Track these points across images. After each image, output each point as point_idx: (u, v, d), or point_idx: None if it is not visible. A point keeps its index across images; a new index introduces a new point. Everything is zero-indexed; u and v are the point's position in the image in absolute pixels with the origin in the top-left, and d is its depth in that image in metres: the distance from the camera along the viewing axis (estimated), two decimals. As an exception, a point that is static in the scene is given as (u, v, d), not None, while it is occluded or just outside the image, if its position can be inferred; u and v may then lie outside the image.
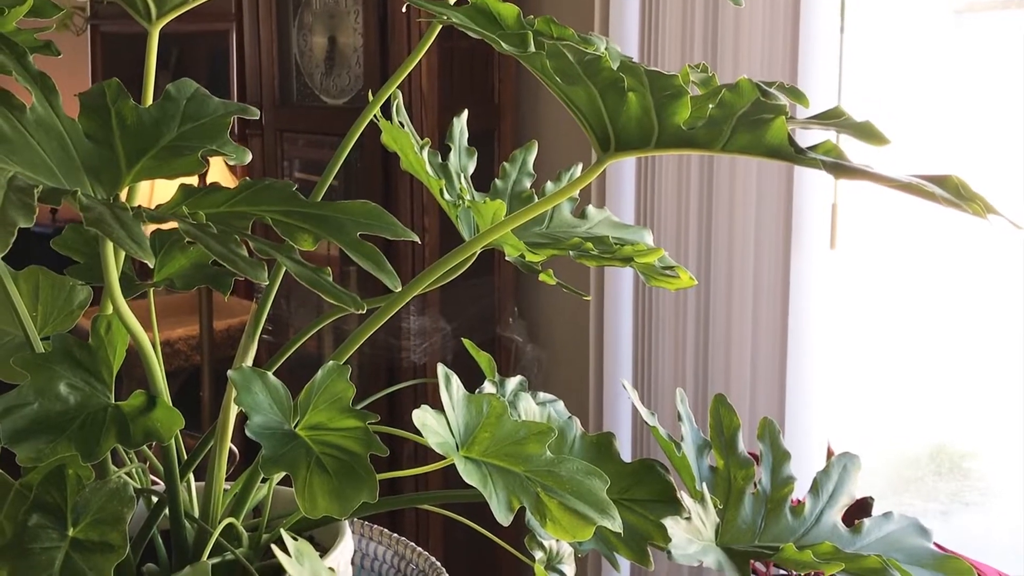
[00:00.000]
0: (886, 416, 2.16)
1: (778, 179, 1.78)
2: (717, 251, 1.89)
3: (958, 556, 0.90)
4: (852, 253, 1.87)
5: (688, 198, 1.89)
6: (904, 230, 1.92)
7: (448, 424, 0.77)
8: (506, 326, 2.25)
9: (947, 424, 2.16)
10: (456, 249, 0.79)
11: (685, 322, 1.95)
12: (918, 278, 1.96)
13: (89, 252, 0.88)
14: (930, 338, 2.06)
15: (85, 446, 0.72)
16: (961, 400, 2.10)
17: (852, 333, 1.99)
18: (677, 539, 0.80)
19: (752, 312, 1.88)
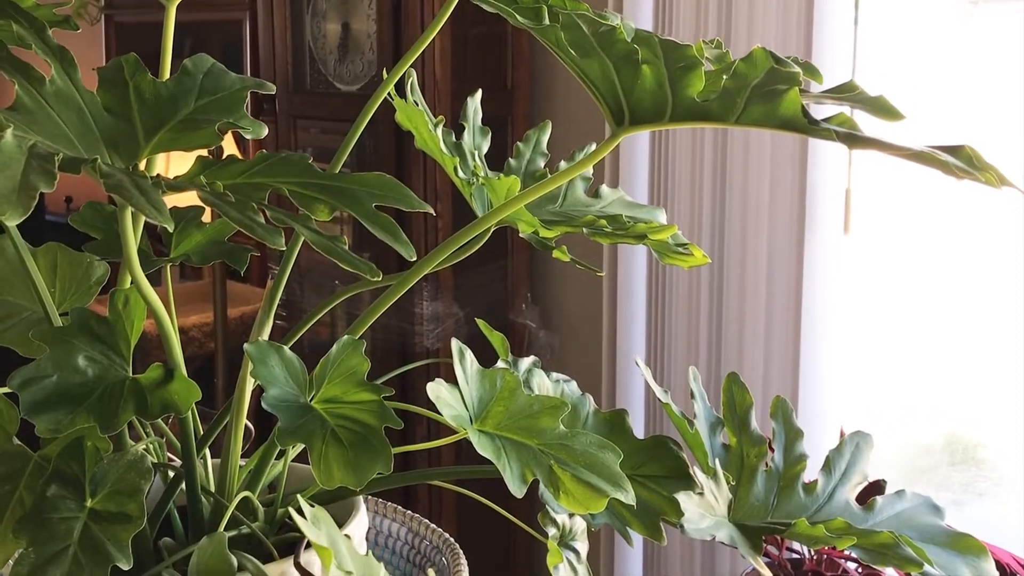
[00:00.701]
0: (900, 404, 2.16)
1: (792, 164, 1.78)
2: (730, 237, 1.89)
3: (971, 535, 0.91)
4: (866, 238, 1.87)
5: (702, 180, 1.89)
6: (918, 216, 1.91)
7: (462, 398, 0.78)
8: (519, 312, 2.26)
9: (960, 413, 2.15)
10: (470, 224, 0.80)
11: (698, 304, 1.95)
12: (932, 265, 1.96)
13: (106, 229, 0.89)
14: (943, 325, 2.06)
15: (103, 418, 0.73)
16: (974, 389, 2.10)
17: (865, 319, 1.99)
18: (690, 514, 0.80)
19: (765, 297, 1.87)
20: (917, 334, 2.09)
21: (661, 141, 1.95)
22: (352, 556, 0.61)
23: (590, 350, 2.21)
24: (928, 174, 1.90)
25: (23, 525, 0.70)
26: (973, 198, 1.87)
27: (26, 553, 0.69)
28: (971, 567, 0.87)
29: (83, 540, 0.70)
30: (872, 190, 1.84)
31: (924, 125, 1.83)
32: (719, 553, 1.95)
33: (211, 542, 0.74)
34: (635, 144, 1.95)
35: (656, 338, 2.01)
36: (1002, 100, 1.87)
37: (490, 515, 1.01)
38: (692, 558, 1.99)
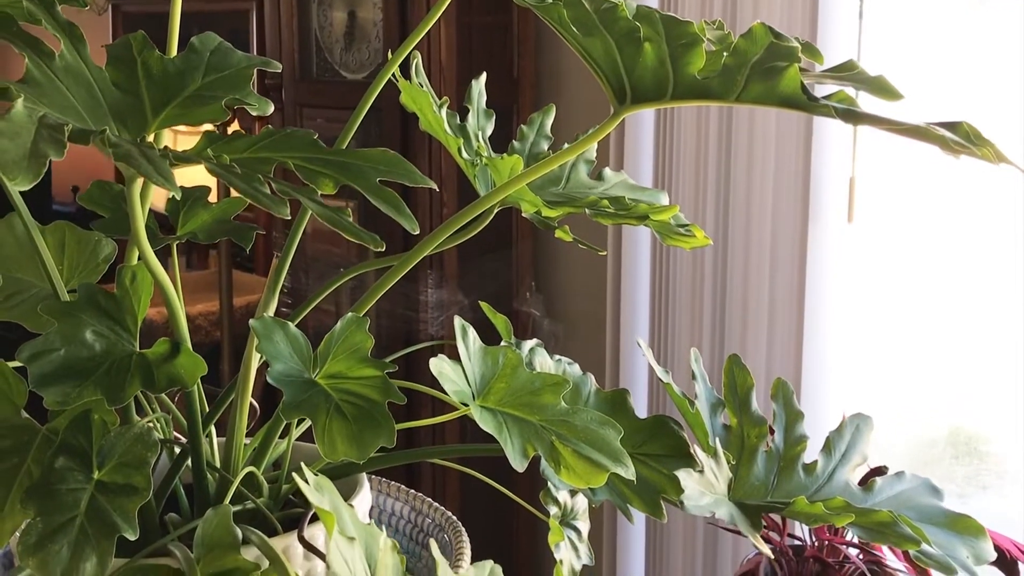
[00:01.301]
0: (903, 397, 2.16)
1: (795, 152, 1.78)
2: (734, 225, 1.89)
3: (969, 516, 0.91)
4: (869, 227, 1.87)
5: (706, 168, 1.90)
6: (922, 206, 1.91)
7: (464, 374, 0.78)
8: (523, 300, 2.27)
9: (964, 406, 2.15)
10: (473, 203, 0.81)
11: (701, 291, 1.95)
12: (935, 255, 1.96)
13: (114, 207, 0.90)
14: (947, 317, 2.06)
15: (110, 391, 0.73)
16: (978, 382, 2.10)
17: (869, 309, 1.99)
18: (690, 491, 0.81)
19: (768, 286, 1.88)
20: (921, 325, 2.09)
21: (665, 126, 1.95)
22: (355, 524, 0.62)
23: (593, 339, 2.21)
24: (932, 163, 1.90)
25: (31, 496, 0.71)
26: (978, 189, 1.88)
27: (34, 523, 0.70)
28: (969, 547, 0.88)
29: (90, 511, 0.71)
30: (876, 179, 1.84)
31: (929, 116, 1.83)
32: (721, 538, 1.95)
33: (216, 514, 0.74)
34: (639, 129, 1.95)
35: (659, 321, 2.02)
36: (1008, 93, 1.87)
37: (492, 496, 1.02)
38: (694, 543, 2.00)
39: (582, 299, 2.30)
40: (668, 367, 2.01)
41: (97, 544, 0.69)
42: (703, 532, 1.98)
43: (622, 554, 2.07)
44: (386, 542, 0.58)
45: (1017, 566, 1.29)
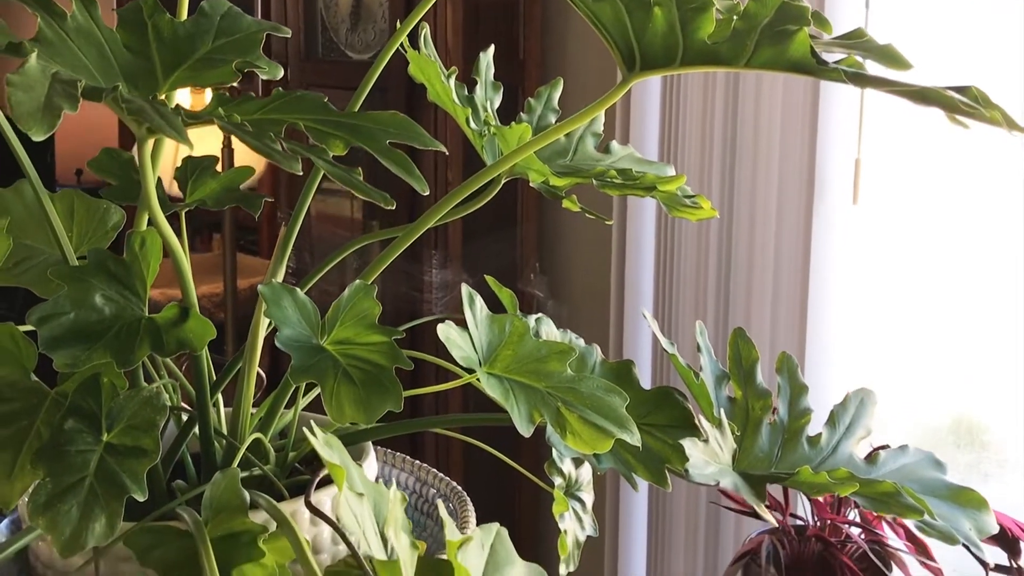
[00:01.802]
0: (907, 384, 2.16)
1: (801, 134, 1.78)
2: (739, 208, 1.89)
3: (972, 489, 0.92)
4: (875, 210, 1.87)
5: (711, 145, 1.89)
6: (928, 189, 1.91)
7: (471, 341, 0.79)
8: (528, 281, 2.27)
9: (967, 394, 2.15)
10: (480, 171, 0.81)
11: (706, 273, 1.95)
12: (940, 239, 1.96)
13: (122, 175, 0.90)
14: (950, 303, 2.06)
15: (120, 353, 0.74)
16: (982, 370, 2.10)
17: (873, 292, 1.99)
18: (695, 460, 0.81)
19: (773, 270, 1.88)
20: (924, 311, 2.09)
21: (672, 100, 1.95)
22: (363, 482, 0.63)
23: (597, 321, 2.22)
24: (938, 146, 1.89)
25: (40, 456, 0.72)
26: (983, 173, 1.87)
27: (43, 483, 0.70)
28: (971, 519, 0.88)
29: (99, 472, 0.71)
30: (882, 161, 1.84)
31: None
32: (723, 518, 1.96)
33: (224, 477, 0.75)
34: (646, 102, 1.95)
35: (663, 296, 2.02)
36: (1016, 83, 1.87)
37: (496, 469, 1.02)
38: (696, 522, 2.01)
39: (586, 281, 2.31)
40: (672, 342, 2.01)
41: (106, 505, 0.70)
42: (705, 511, 1.98)
43: (624, 531, 2.07)
44: (395, 494, 0.58)
45: (1019, 544, 1.30)
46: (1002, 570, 1.34)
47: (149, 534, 0.73)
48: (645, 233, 2.01)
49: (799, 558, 1.46)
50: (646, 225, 2.01)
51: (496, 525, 0.68)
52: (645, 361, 2.04)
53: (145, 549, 0.73)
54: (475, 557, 0.62)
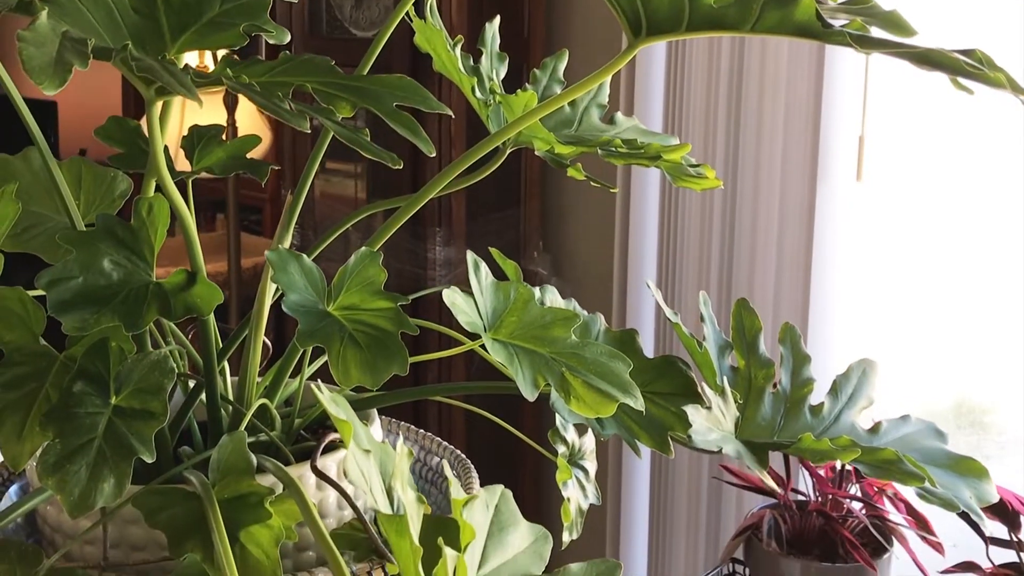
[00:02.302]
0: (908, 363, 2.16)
1: (805, 110, 1.78)
2: (743, 184, 1.90)
3: (973, 459, 0.92)
4: (879, 187, 1.87)
5: (716, 118, 1.89)
6: (932, 167, 1.91)
7: (477, 308, 0.79)
8: (531, 259, 2.27)
9: (969, 376, 2.15)
10: (486, 139, 0.81)
11: (709, 245, 1.96)
12: (944, 218, 1.96)
13: (129, 143, 0.90)
14: (953, 283, 2.06)
15: (128, 317, 0.74)
16: (983, 350, 2.10)
17: (875, 271, 1.99)
18: (697, 426, 0.82)
19: (776, 250, 1.89)
20: (927, 291, 2.09)
21: (677, 72, 1.94)
22: (369, 440, 0.63)
23: (600, 298, 2.22)
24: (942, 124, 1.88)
25: (49, 418, 0.72)
26: (988, 154, 1.87)
27: (52, 444, 0.71)
28: (972, 488, 0.89)
29: (108, 434, 0.72)
30: (886, 138, 1.84)
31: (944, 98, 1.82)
32: (725, 493, 1.97)
33: (231, 440, 0.76)
34: (650, 74, 1.94)
35: (667, 268, 2.02)
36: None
37: (499, 439, 1.03)
38: (698, 497, 2.01)
39: (589, 259, 2.31)
40: (675, 306, 2.01)
41: (115, 466, 0.71)
42: (707, 486, 1.99)
43: (626, 509, 2.08)
44: (402, 449, 0.59)
45: (1019, 518, 1.30)
46: (1001, 543, 1.34)
47: (157, 496, 0.74)
48: (648, 206, 2.01)
49: (801, 532, 1.47)
50: (649, 198, 2.01)
51: (500, 487, 0.69)
52: (648, 334, 2.04)
53: (153, 510, 0.73)
54: (480, 516, 0.63)
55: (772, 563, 1.45)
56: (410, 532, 0.53)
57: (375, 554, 0.76)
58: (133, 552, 0.80)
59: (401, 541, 0.54)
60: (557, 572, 0.63)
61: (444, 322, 0.98)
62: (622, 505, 2.09)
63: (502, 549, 0.63)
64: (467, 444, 2.25)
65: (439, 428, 2.23)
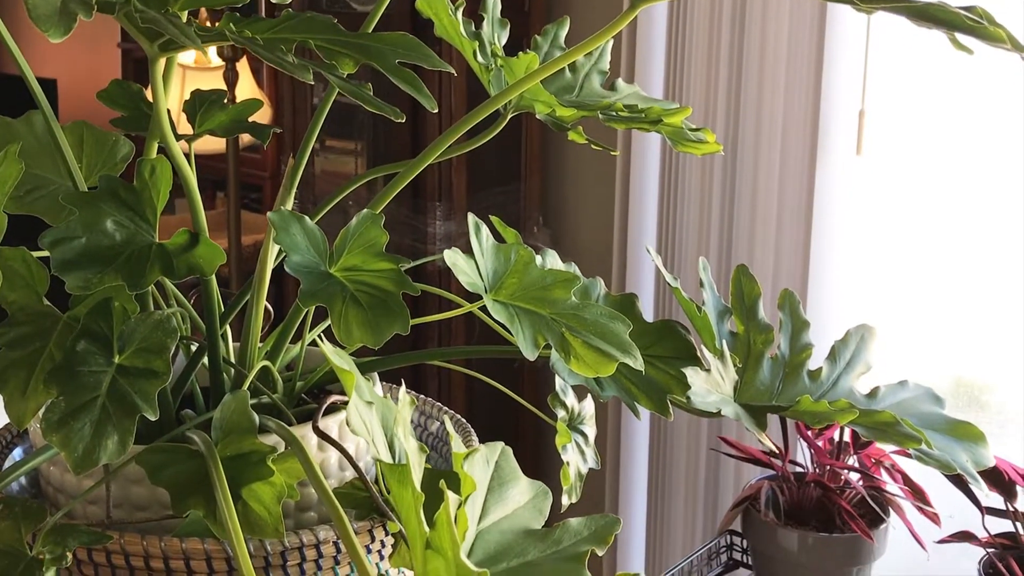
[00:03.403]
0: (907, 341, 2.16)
1: (806, 84, 1.78)
2: (743, 158, 1.90)
3: (970, 423, 0.93)
4: (879, 161, 1.87)
5: (716, 88, 1.89)
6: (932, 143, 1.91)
7: (478, 269, 0.80)
8: (531, 234, 2.28)
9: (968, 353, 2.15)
10: (487, 101, 0.81)
11: (709, 218, 1.96)
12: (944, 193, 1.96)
13: (132, 106, 0.91)
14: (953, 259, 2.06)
15: (131, 277, 0.75)
16: (983, 328, 2.10)
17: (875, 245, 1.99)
18: (697, 388, 0.83)
19: (776, 223, 1.89)
20: (926, 268, 2.09)
21: (676, 46, 1.94)
22: (371, 393, 0.64)
23: (600, 273, 2.23)
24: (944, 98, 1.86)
25: (53, 376, 0.73)
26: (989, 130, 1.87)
27: (56, 402, 0.71)
28: (969, 452, 0.90)
29: (111, 392, 0.73)
30: (886, 112, 1.83)
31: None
32: (723, 464, 1.98)
33: (234, 399, 0.76)
34: (650, 43, 1.94)
35: (667, 238, 2.02)
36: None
37: (498, 406, 1.04)
38: (696, 468, 2.02)
39: (588, 235, 2.31)
40: (676, 276, 2.02)
41: (118, 423, 0.71)
42: (705, 458, 2.00)
43: (624, 481, 2.09)
44: (404, 397, 0.59)
45: (1015, 488, 1.31)
46: (997, 513, 1.35)
47: (160, 453, 0.74)
48: (648, 176, 2.00)
49: (798, 503, 1.48)
50: (650, 168, 2.00)
51: (501, 443, 0.69)
52: (647, 305, 2.04)
53: (156, 468, 0.74)
54: (480, 471, 0.64)
55: (769, 533, 1.46)
56: (412, 480, 0.53)
57: (376, 512, 0.77)
58: (136, 512, 0.81)
59: (403, 490, 0.55)
60: (557, 526, 0.64)
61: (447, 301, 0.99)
62: (620, 478, 2.10)
63: (502, 503, 0.64)
64: (467, 413, 2.26)
65: (439, 393, 2.24)
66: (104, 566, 0.76)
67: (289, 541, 0.75)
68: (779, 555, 1.45)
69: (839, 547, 1.42)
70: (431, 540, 0.51)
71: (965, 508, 1.42)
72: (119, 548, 0.75)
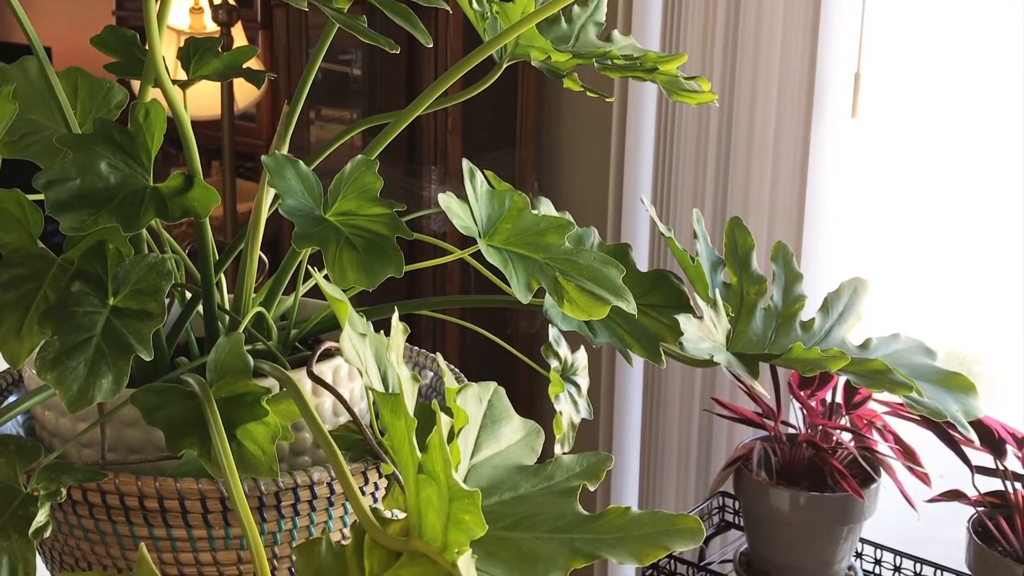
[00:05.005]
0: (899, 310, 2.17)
1: (802, 47, 1.78)
2: (738, 121, 1.90)
3: (961, 374, 0.93)
4: (873, 124, 1.87)
5: (713, 46, 1.89)
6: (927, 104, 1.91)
7: (472, 214, 0.80)
8: (526, 199, 2.28)
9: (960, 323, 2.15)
10: (482, 45, 0.81)
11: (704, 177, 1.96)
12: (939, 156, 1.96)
13: (126, 52, 0.90)
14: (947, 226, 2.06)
15: (125, 219, 0.75)
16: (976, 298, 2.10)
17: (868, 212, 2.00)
18: (689, 334, 0.83)
19: (770, 187, 1.89)
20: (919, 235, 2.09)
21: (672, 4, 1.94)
22: (364, 325, 0.64)
23: (595, 238, 2.23)
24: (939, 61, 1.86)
25: (48, 316, 0.73)
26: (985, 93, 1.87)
27: (51, 341, 0.72)
28: (959, 402, 0.90)
29: (106, 332, 0.73)
30: (882, 75, 1.83)
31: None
32: (716, 425, 1.99)
33: (229, 341, 0.76)
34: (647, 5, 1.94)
35: (662, 193, 2.02)
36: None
37: (492, 359, 1.04)
38: (689, 429, 2.03)
39: (584, 200, 2.32)
40: (669, 227, 2.02)
41: (113, 363, 0.71)
42: (698, 419, 2.01)
43: (618, 441, 2.10)
44: (396, 324, 0.60)
45: (1005, 446, 1.32)
46: (987, 472, 1.36)
47: (155, 394, 0.75)
48: (644, 134, 2.00)
49: (790, 463, 1.49)
50: (645, 126, 2.00)
51: (494, 383, 0.70)
52: (642, 262, 2.05)
53: (151, 408, 0.74)
54: (473, 408, 0.64)
55: (761, 493, 1.46)
56: (405, 408, 0.53)
57: (370, 455, 0.78)
58: (130, 455, 0.81)
59: (396, 421, 0.55)
60: (549, 462, 0.64)
61: (439, 252, 0.99)
62: (613, 441, 2.11)
63: (495, 440, 0.64)
64: (460, 359, 2.26)
65: (432, 343, 2.25)
66: (99, 506, 0.76)
67: (283, 481, 0.75)
68: (771, 514, 1.46)
69: (830, 506, 1.43)
70: (423, 464, 0.51)
71: (956, 469, 1.43)
72: (114, 488, 0.75)
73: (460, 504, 0.49)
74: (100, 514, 0.76)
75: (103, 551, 0.78)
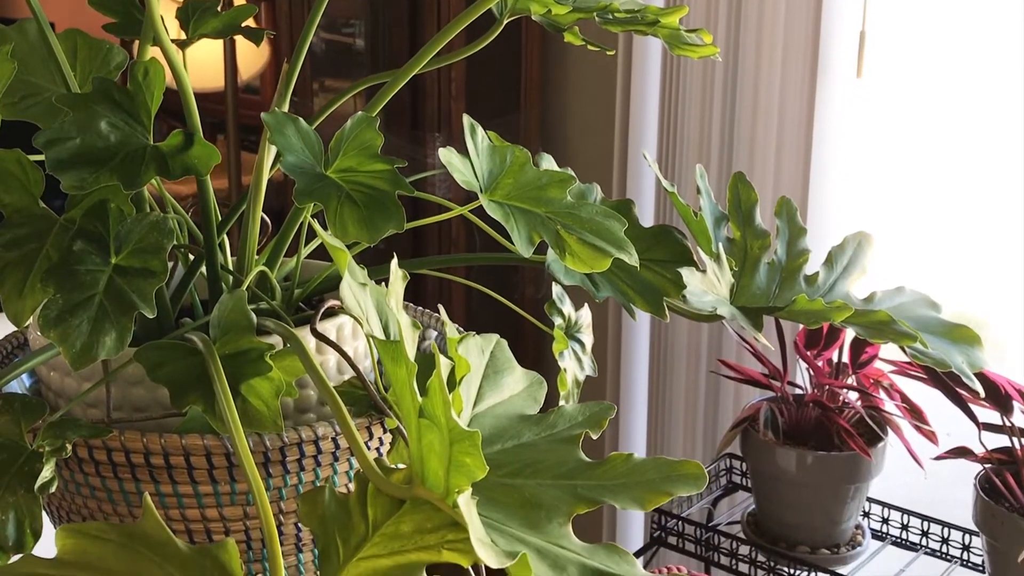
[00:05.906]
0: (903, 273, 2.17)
1: (806, 5, 1.77)
2: (743, 82, 1.88)
3: (966, 326, 0.93)
4: (879, 84, 1.86)
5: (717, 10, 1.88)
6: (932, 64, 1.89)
7: (473, 169, 0.80)
8: (530, 165, 2.27)
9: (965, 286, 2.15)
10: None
11: (710, 139, 1.95)
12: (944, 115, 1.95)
13: (124, 12, 0.90)
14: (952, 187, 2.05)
15: (126, 177, 0.75)
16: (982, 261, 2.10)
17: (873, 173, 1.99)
18: (692, 287, 0.83)
19: (775, 147, 1.88)
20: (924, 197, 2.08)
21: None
22: (364, 275, 0.64)
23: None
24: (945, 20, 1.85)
25: (50, 275, 0.73)
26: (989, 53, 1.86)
27: (53, 299, 0.72)
28: (964, 354, 0.90)
29: (108, 290, 0.73)
30: (887, 34, 1.82)
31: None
32: (723, 386, 1.99)
33: (232, 297, 0.77)
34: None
35: (667, 151, 2.02)
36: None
37: (497, 317, 1.04)
38: (696, 392, 2.03)
39: (588, 166, 2.31)
40: (672, 183, 2.02)
41: (116, 320, 0.72)
42: (705, 381, 2.01)
43: (625, 400, 2.10)
44: (395, 271, 0.59)
45: (1011, 402, 1.32)
46: (994, 429, 1.36)
47: (159, 351, 0.75)
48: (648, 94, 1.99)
49: (797, 423, 1.49)
50: (650, 85, 1.98)
51: (496, 335, 0.70)
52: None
53: (155, 365, 0.74)
54: (475, 358, 0.64)
55: (768, 453, 1.47)
56: (406, 355, 0.53)
57: (374, 410, 0.78)
58: (135, 414, 0.82)
59: (397, 368, 0.55)
60: (552, 411, 0.64)
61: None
62: (620, 403, 2.11)
63: (497, 390, 0.64)
64: (465, 319, 2.26)
65: (438, 302, 2.26)
66: (105, 464, 0.77)
67: (288, 437, 0.75)
68: (778, 474, 1.47)
69: (838, 465, 1.44)
70: (424, 408, 0.51)
71: (962, 427, 1.43)
72: (119, 445, 0.75)
73: (461, 447, 0.49)
74: (106, 471, 0.77)
75: (110, 508, 0.79)
